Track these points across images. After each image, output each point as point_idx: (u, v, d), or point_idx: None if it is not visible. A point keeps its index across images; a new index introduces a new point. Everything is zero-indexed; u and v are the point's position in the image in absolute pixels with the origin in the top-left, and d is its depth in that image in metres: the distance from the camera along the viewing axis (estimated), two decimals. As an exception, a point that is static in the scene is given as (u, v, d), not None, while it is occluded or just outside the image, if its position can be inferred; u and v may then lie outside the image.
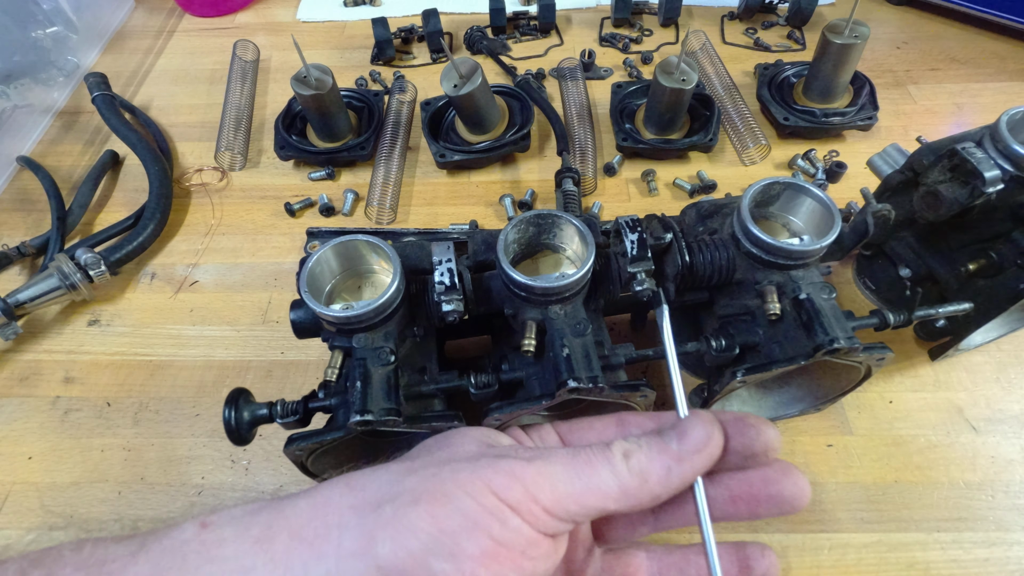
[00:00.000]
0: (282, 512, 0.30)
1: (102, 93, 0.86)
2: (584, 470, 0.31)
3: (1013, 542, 0.50)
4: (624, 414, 0.39)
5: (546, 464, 0.31)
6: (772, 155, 0.79)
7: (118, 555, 0.29)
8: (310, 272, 0.44)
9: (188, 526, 0.30)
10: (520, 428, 0.39)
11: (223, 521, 0.30)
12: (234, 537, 0.29)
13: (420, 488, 0.30)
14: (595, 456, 0.32)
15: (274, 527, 0.29)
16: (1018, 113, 0.50)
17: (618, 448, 0.32)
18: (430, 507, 0.29)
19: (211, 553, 0.29)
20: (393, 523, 0.28)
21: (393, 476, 0.31)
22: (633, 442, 0.33)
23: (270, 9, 1.09)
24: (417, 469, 0.31)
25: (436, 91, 0.85)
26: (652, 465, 0.31)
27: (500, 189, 0.78)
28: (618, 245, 0.48)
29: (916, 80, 0.87)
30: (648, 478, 0.31)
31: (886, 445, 0.56)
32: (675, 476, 0.32)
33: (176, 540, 0.29)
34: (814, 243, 0.45)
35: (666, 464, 0.32)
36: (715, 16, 1.00)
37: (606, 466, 0.31)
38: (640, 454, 0.32)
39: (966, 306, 0.51)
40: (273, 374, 0.63)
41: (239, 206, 0.79)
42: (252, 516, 0.30)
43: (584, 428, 0.39)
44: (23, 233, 0.76)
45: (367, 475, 0.32)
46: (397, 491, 0.30)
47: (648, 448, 0.32)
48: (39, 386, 0.64)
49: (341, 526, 0.29)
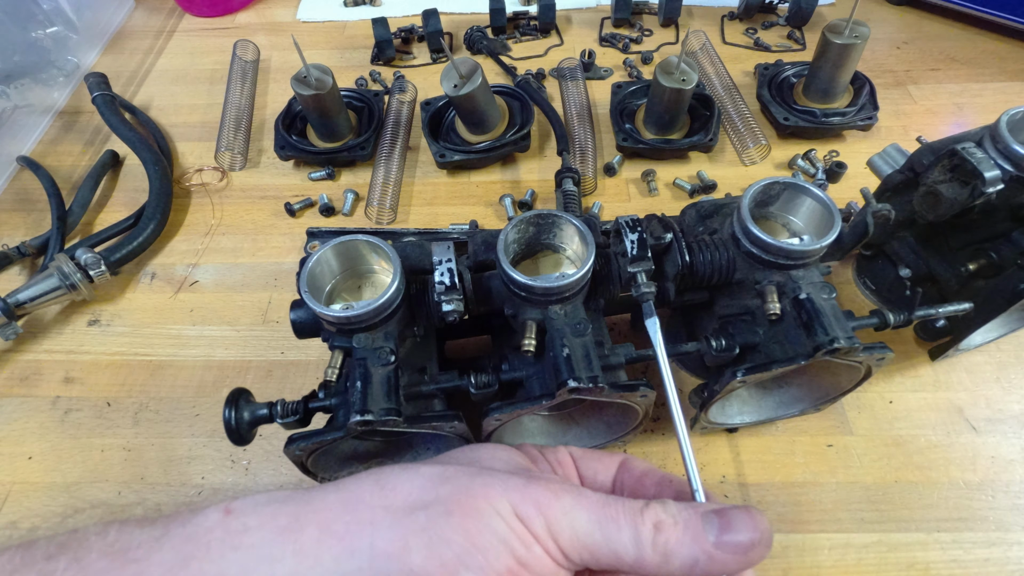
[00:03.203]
0: (310, 504, 0.30)
1: (102, 93, 0.86)
2: (608, 525, 0.30)
3: (1013, 542, 0.50)
4: (628, 459, 0.39)
5: (574, 504, 0.31)
6: (772, 155, 0.79)
7: (142, 541, 0.29)
8: (310, 272, 0.44)
9: (212, 512, 0.30)
10: (536, 448, 0.39)
11: (247, 509, 0.30)
12: (259, 525, 0.29)
13: (452, 499, 0.30)
14: (624, 515, 0.30)
15: (302, 518, 0.29)
16: (1018, 113, 0.50)
17: (651, 516, 0.30)
18: (463, 520, 0.29)
19: (235, 541, 0.29)
20: (427, 531, 0.29)
21: (426, 481, 0.31)
22: (670, 514, 0.30)
23: (270, 9, 1.09)
24: (450, 477, 0.31)
25: (436, 91, 0.85)
26: (680, 550, 0.29)
27: (500, 189, 0.78)
28: (618, 245, 0.48)
29: (916, 80, 0.87)
30: (670, 560, 0.29)
31: (886, 445, 0.56)
32: (700, 570, 0.29)
33: (200, 527, 0.29)
34: (814, 243, 0.45)
35: (695, 555, 0.29)
36: (715, 16, 1.00)
37: (630, 530, 0.30)
38: (671, 533, 0.30)
39: (966, 306, 0.51)
40: (273, 374, 0.63)
41: (239, 206, 0.79)
42: (278, 505, 0.30)
43: (594, 459, 0.39)
44: (23, 233, 0.76)
45: (397, 475, 0.32)
46: (430, 499, 0.30)
47: (683, 530, 0.30)
48: (39, 386, 0.64)
49: (374, 525, 0.29)
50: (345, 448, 0.51)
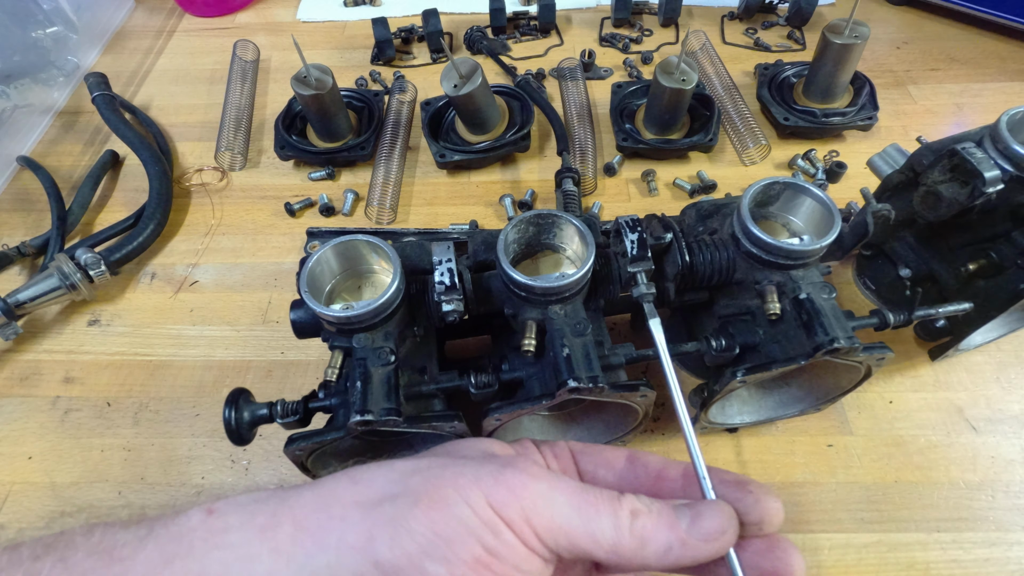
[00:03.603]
0: (287, 502, 0.31)
1: (102, 93, 0.86)
2: (587, 510, 0.31)
3: (1013, 542, 0.50)
4: (636, 453, 0.39)
5: (551, 488, 0.31)
6: (772, 155, 0.79)
7: (127, 541, 0.29)
8: (310, 272, 0.44)
9: (195, 513, 0.30)
10: (533, 442, 0.39)
11: (229, 509, 0.30)
12: (240, 525, 0.30)
13: (420, 489, 0.30)
14: (602, 501, 0.31)
15: (279, 516, 0.30)
16: (1018, 113, 0.50)
17: (627, 503, 0.31)
18: (428, 510, 0.29)
19: (217, 540, 0.29)
20: (392, 523, 0.29)
21: (397, 475, 0.31)
22: (645, 503, 0.32)
23: (270, 9, 1.09)
24: (422, 469, 0.32)
25: (436, 91, 0.85)
26: (655, 535, 0.31)
27: (500, 189, 0.78)
28: (618, 245, 0.48)
29: (916, 80, 0.87)
30: (646, 546, 0.31)
31: (886, 445, 0.56)
32: (673, 556, 0.31)
33: (183, 527, 0.30)
34: (814, 243, 0.45)
35: (668, 541, 0.31)
36: (715, 16, 1.00)
37: (609, 516, 0.31)
38: (647, 519, 0.31)
39: (966, 306, 0.51)
40: (273, 374, 0.63)
41: (239, 206, 0.79)
42: (258, 505, 0.31)
43: (595, 453, 0.39)
44: (23, 233, 0.76)
45: (372, 470, 0.32)
46: (399, 490, 0.30)
47: (657, 517, 0.31)
48: (39, 386, 0.64)
49: (344, 519, 0.29)
50: (345, 448, 0.51)
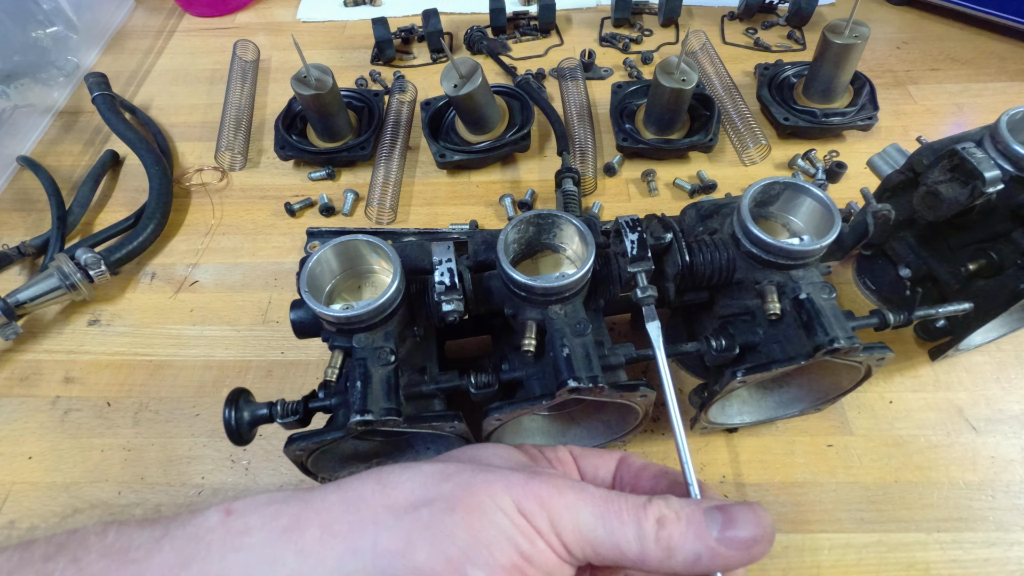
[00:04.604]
0: (311, 504, 0.30)
1: (102, 93, 0.86)
2: (612, 520, 0.30)
3: (1013, 542, 0.50)
4: (626, 456, 0.39)
5: (576, 499, 0.31)
6: (772, 155, 0.79)
7: (142, 542, 0.29)
8: (310, 272, 0.44)
9: (212, 513, 0.30)
10: (536, 447, 0.39)
11: (248, 509, 0.30)
12: (260, 526, 0.29)
13: (455, 495, 0.30)
14: (627, 510, 0.30)
15: (303, 519, 0.29)
16: (1018, 113, 0.50)
17: (654, 511, 0.30)
18: (466, 516, 0.29)
19: (236, 541, 0.29)
20: (431, 528, 0.29)
21: (427, 479, 0.31)
22: (673, 510, 0.30)
23: (270, 9, 1.09)
24: (451, 475, 0.31)
25: (436, 91, 0.85)
26: (683, 545, 0.29)
27: (500, 189, 0.78)
28: (618, 245, 0.48)
29: (916, 80, 0.87)
30: (673, 555, 0.29)
31: (886, 445, 0.56)
32: (702, 565, 0.29)
33: (200, 527, 0.29)
34: (814, 243, 0.45)
35: (697, 551, 0.29)
36: (715, 16, 1.00)
37: (634, 526, 0.30)
38: (674, 527, 0.30)
39: (966, 306, 0.51)
40: (273, 374, 0.63)
41: (239, 206, 0.79)
42: (279, 505, 0.30)
43: (594, 456, 0.39)
44: (23, 233, 0.76)
45: (399, 474, 0.32)
46: (433, 496, 0.30)
47: (686, 525, 0.30)
48: (39, 386, 0.64)
49: (377, 524, 0.29)
50: (345, 448, 0.51)
